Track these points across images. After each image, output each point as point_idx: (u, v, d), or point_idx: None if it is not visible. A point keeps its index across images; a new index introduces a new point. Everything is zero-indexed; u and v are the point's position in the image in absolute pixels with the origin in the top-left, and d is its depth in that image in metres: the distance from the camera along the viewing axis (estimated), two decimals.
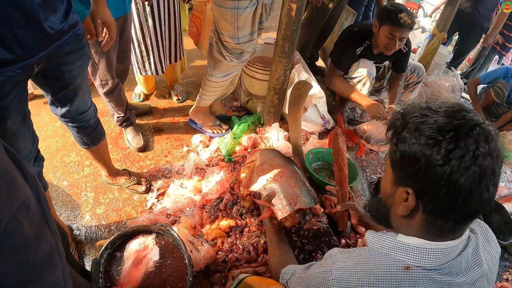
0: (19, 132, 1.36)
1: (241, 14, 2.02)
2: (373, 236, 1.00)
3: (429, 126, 0.83)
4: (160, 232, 1.70)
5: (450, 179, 0.79)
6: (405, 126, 0.88)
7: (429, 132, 0.82)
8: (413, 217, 0.92)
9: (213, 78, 2.41)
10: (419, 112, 0.88)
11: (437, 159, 0.80)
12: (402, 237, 0.94)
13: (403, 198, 0.91)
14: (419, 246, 0.90)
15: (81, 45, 1.45)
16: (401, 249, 0.92)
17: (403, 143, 0.87)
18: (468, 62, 5.94)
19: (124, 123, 2.53)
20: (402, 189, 0.91)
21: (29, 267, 0.72)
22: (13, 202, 0.67)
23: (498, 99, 3.74)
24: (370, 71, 2.82)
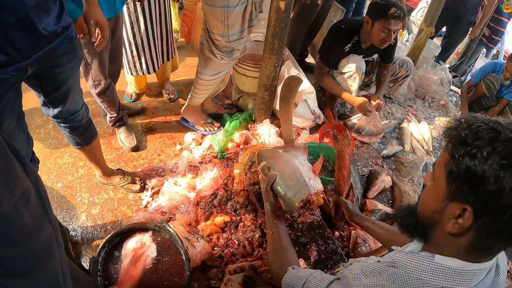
0: (14, 134, 1.37)
1: (231, 12, 2.04)
2: (405, 258, 0.93)
3: (503, 144, 0.76)
4: (156, 229, 1.72)
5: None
6: (475, 138, 0.79)
7: (505, 152, 0.75)
8: (462, 236, 0.84)
9: (204, 77, 2.42)
10: (488, 125, 0.80)
11: (509, 182, 0.73)
12: (440, 259, 0.87)
13: (455, 214, 0.83)
14: (460, 268, 0.85)
15: (74, 47, 1.46)
16: (438, 272, 0.86)
17: (472, 157, 0.78)
18: (456, 56, 6.00)
19: (116, 123, 2.54)
20: (457, 205, 0.83)
21: (28, 255, 0.74)
22: (14, 193, 0.69)
23: (489, 93, 3.79)
24: (359, 66, 2.85)
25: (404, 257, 0.92)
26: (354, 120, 3.12)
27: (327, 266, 1.80)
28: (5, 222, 0.66)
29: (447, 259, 0.86)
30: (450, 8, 4.46)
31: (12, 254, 0.70)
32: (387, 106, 3.72)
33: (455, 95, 4.48)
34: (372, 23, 2.65)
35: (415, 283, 0.87)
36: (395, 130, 3.37)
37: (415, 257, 0.90)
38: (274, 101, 2.70)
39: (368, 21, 2.67)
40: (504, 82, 3.65)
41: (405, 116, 3.61)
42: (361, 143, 3.07)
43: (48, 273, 0.81)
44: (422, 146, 3.16)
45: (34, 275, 0.77)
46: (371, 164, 2.87)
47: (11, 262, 0.71)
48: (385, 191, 2.63)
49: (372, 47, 2.86)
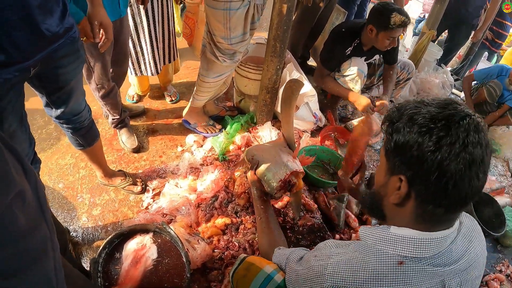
0: (16, 134, 1.38)
1: (233, 15, 2.04)
2: (366, 230, 1.02)
3: (422, 116, 0.87)
4: (157, 231, 1.73)
5: (441, 164, 0.83)
6: (400, 117, 0.92)
7: (422, 121, 0.86)
8: (405, 205, 0.94)
9: (206, 79, 2.43)
10: (413, 104, 0.92)
11: (428, 145, 0.84)
12: (394, 229, 0.96)
13: (396, 186, 0.94)
14: (412, 236, 0.92)
15: (76, 48, 1.46)
16: (395, 242, 0.94)
17: (397, 132, 0.91)
18: (458, 59, 6.00)
19: (118, 125, 2.55)
20: (395, 177, 0.94)
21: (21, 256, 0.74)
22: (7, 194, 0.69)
23: (490, 99, 3.79)
24: (361, 69, 2.85)
25: (365, 230, 1.03)
26: (355, 122, 3.12)
27: None
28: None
29: (401, 229, 0.95)
30: (452, 11, 4.46)
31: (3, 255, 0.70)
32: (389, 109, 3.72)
33: (456, 98, 4.47)
34: (376, 32, 2.63)
35: (376, 252, 0.95)
36: None
37: (375, 230, 1.00)
38: (275, 103, 2.70)
39: (372, 29, 2.64)
40: (509, 87, 3.65)
41: None
42: None
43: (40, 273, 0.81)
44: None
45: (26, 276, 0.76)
46: (372, 168, 2.87)
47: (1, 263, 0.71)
48: None
49: (374, 49, 2.85)
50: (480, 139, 0.84)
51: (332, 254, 1.04)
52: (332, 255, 1.03)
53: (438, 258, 0.92)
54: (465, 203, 0.89)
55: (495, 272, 2.44)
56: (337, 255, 1.02)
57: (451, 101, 0.90)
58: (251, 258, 1.40)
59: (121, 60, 2.32)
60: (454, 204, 0.89)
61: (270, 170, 1.73)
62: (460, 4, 4.56)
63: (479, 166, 0.84)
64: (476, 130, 0.84)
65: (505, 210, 2.75)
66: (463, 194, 0.85)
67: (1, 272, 0.71)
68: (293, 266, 1.21)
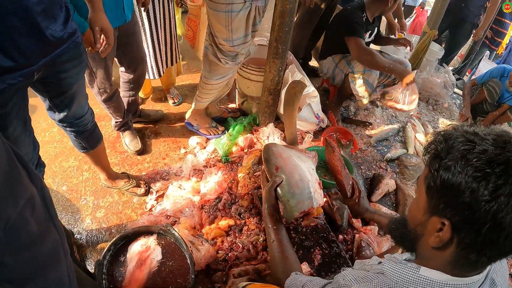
0: (20, 138, 1.39)
1: (235, 17, 2.05)
2: (392, 266, 0.93)
3: (477, 156, 0.76)
4: (161, 233, 1.73)
5: (496, 216, 0.73)
6: (449, 152, 0.81)
7: (478, 164, 0.75)
8: (445, 250, 0.85)
9: (208, 81, 2.44)
10: (464, 137, 0.81)
11: (484, 194, 0.73)
12: (425, 271, 0.88)
13: (436, 228, 0.84)
14: (443, 282, 0.85)
15: (79, 53, 1.47)
16: (424, 285, 0.86)
17: (447, 171, 0.79)
18: (459, 58, 6.00)
19: (122, 127, 2.56)
20: (437, 219, 0.84)
21: (35, 261, 0.75)
22: (19, 200, 0.70)
23: (491, 99, 3.79)
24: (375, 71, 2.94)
25: (392, 266, 0.93)
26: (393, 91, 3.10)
27: (331, 270, 1.80)
28: (11, 229, 0.67)
29: (433, 272, 0.87)
30: (453, 10, 4.47)
31: (18, 261, 0.71)
32: (390, 109, 3.72)
33: (458, 97, 4.47)
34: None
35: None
36: (399, 133, 3.37)
37: (402, 268, 0.91)
38: (278, 105, 2.71)
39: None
40: (509, 88, 3.65)
41: (409, 119, 3.61)
42: (366, 147, 3.08)
43: (55, 279, 0.82)
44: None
45: (40, 281, 0.77)
46: (375, 168, 2.87)
47: (17, 269, 0.71)
48: (389, 194, 2.63)
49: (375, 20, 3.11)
50: None
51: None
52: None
53: None
54: (510, 254, 0.81)
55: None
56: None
57: (509, 138, 0.79)
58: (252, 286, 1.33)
59: (137, 62, 2.34)
60: (501, 255, 0.81)
61: (294, 197, 1.53)
62: (461, 3, 4.57)
63: None
64: None
65: None
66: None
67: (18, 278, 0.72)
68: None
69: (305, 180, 1.60)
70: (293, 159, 1.70)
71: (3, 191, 0.66)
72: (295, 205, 1.53)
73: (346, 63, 3.07)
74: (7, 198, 0.67)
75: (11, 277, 0.71)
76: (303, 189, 1.56)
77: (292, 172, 1.61)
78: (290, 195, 1.54)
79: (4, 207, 0.66)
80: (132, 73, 2.37)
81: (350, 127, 3.33)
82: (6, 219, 0.66)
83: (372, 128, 3.35)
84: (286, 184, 1.56)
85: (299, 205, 1.53)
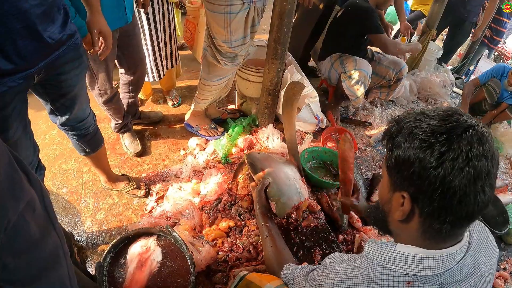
0: (20, 141, 1.39)
1: (234, 18, 2.05)
2: (373, 246, 0.99)
3: (422, 130, 0.83)
4: (161, 234, 1.73)
5: (444, 180, 0.79)
6: (400, 131, 0.89)
7: (423, 136, 0.83)
8: (409, 221, 0.91)
9: (208, 82, 2.44)
10: (413, 117, 0.89)
11: (430, 161, 0.80)
12: (401, 247, 0.93)
13: (399, 203, 0.91)
14: (419, 255, 0.89)
15: (79, 54, 1.48)
16: (401, 260, 0.91)
17: (398, 148, 0.88)
18: (458, 57, 6.01)
19: (121, 129, 2.56)
20: (398, 194, 0.91)
21: (35, 263, 0.75)
22: (19, 203, 0.71)
23: (490, 99, 3.80)
24: (365, 70, 2.93)
25: (371, 246, 0.99)
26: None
27: None
28: (12, 231, 0.67)
29: (407, 247, 0.92)
30: (452, 10, 4.47)
31: (19, 263, 0.71)
32: (390, 109, 3.73)
33: (457, 97, 4.48)
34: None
35: (382, 271, 0.92)
36: None
37: (380, 246, 0.97)
38: (277, 105, 2.72)
39: None
40: (509, 88, 3.65)
41: None
42: (365, 147, 3.08)
43: (55, 281, 0.82)
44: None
45: (41, 283, 0.78)
46: (375, 168, 2.88)
47: (18, 271, 0.72)
48: None
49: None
50: (484, 151, 0.79)
51: (337, 272, 1.00)
52: (337, 272, 1.00)
53: (447, 276, 0.88)
54: (472, 218, 0.85)
55: (499, 270, 2.44)
56: (343, 273, 0.98)
57: (453, 111, 0.86)
58: (251, 276, 1.38)
59: (137, 64, 2.35)
60: (460, 220, 0.85)
61: (284, 194, 1.72)
62: (459, 3, 4.58)
63: (484, 180, 0.80)
64: (480, 142, 0.80)
65: (508, 208, 2.76)
66: (469, 209, 0.81)
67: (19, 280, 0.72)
68: (300, 282, 1.18)
69: (290, 178, 1.83)
70: (276, 161, 1.94)
71: (3, 193, 0.66)
72: (286, 202, 1.73)
73: (339, 62, 3.09)
74: (8, 201, 0.67)
75: (12, 279, 0.71)
76: (290, 186, 1.77)
77: (278, 173, 1.81)
78: (280, 194, 1.73)
79: (4, 209, 0.66)
80: (131, 75, 2.37)
81: (349, 127, 3.34)
82: (6, 221, 0.66)
83: (371, 128, 3.36)
84: (275, 184, 1.75)
85: (289, 201, 1.74)
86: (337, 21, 3.21)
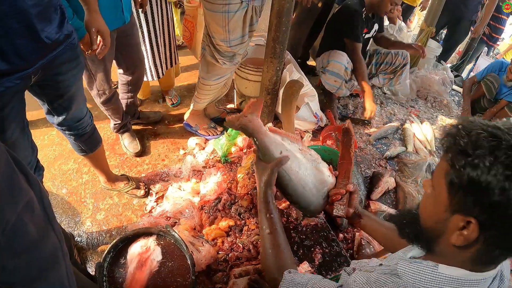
0: (18, 142, 1.39)
1: (232, 17, 2.05)
2: (408, 267, 0.89)
3: (505, 153, 0.72)
4: (161, 234, 1.73)
5: None
6: (475, 148, 0.75)
7: (508, 161, 0.72)
8: (468, 248, 0.81)
9: (206, 81, 2.44)
10: (487, 131, 0.76)
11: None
12: (444, 269, 0.84)
13: (459, 226, 0.80)
14: (463, 278, 0.82)
15: (76, 55, 1.48)
16: (442, 283, 0.83)
17: (474, 168, 0.74)
18: (457, 55, 6.00)
19: (120, 129, 2.56)
20: (460, 217, 0.79)
21: (34, 264, 0.75)
22: (18, 204, 0.70)
23: (489, 94, 3.80)
24: (338, 61, 2.96)
25: (407, 266, 0.89)
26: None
27: (332, 269, 1.80)
28: (10, 232, 0.67)
29: (452, 269, 0.84)
30: (451, 7, 4.46)
31: (18, 264, 0.71)
32: (389, 107, 3.73)
33: (457, 94, 4.47)
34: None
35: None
36: (398, 131, 3.37)
37: (418, 267, 0.87)
38: (276, 104, 2.71)
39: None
40: (507, 83, 3.65)
41: (408, 117, 3.61)
42: (365, 145, 3.08)
43: (54, 282, 0.82)
44: (425, 146, 3.16)
45: (40, 284, 0.78)
46: (375, 166, 2.87)
47: (17, 272, 0.71)
48: (389, 192, 2.63)
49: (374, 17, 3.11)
50: None
51: None
52: None
53: None
54: None
55: None
56: None
57: None
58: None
59: (136, 64, 2.35)
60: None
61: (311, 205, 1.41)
62: (458, 1, 4.57)
63: None
64: None
65: None
66: None
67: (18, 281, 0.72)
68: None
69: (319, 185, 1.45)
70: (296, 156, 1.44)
71: (1, 194, 0.66)
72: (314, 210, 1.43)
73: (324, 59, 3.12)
74: (6, 202, 0.67)
75: (11, 280, 0.71)
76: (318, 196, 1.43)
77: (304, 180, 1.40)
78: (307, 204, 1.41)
79: (2, 210, 0.66)
80: (130, 75, 2.37)
81: None
82: (5, 222, 0.66)
83: (371, 127, 3.35)
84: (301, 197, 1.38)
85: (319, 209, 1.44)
86: (332, 20, 3.22)
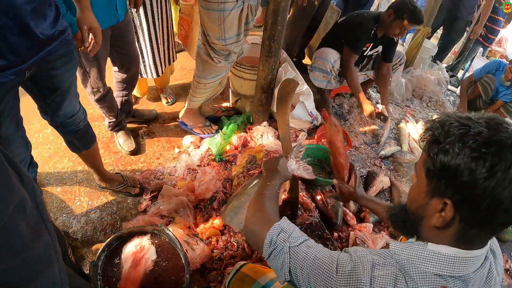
0: (13, 138, 1.38)
1: (227, 16, 2.05)
2: (401, 245, 0.95)
3: (473, 138, 0.80)
4: (155, 233, 1.73)
5: (494, 191, 0.78)
6: (446, 136, 0.84)
7: (474, 145, 0.80)
8: (447, 228, 0.89)
9: (201, 80, 2.43)
10: (459, 121, 0.85)
11: (482, 172, 0.78)
12: (432, 246, 0.91)
13: (437, 209, 0.88)
14: (451, 254, 0.88)
15: (70, 50, 1.47)
16: (432, 260, 0.89)
17: (445, 154, 0.83)
18: (453, 55, 6.02)
19: (115, 128, 2.55)
20: (438, 200, 0.88)
21: (27, 265, 0.74)
22: (9, 203, 0.70)
23: (485, 95, 3.81)
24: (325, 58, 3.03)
25: (399, 246, 0.95)
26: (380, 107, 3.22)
27: None
28: (2, 233, 0.67)
29: (439, 246, 0.90)
30: (447, 7, 4.47)
31: (10, 265, 0.71)
32: None
33: (452, 94, 4.50)
34: (394, 18, 2.85)
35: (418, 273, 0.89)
36: (393, 130, 3.38)
37: (409, 246, 0.94)
38: (271, 103, 2.71)
39: (391, 15, 2.86)
40: (505, 83, 3.67)
41: (403, 116, 3.63)
42: (359, 144, 3.09)
43: (47, 281, 0.81)
44: (420, 146, 3.17)
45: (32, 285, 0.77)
46: (369, 165, 2.88)
47: (9, 273, 0.71)
48: (384, 191, 2.64)
49: (383, 38, 3.07)
50: None
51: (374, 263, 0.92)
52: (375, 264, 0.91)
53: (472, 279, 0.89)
54: (508, 225, 0.86)
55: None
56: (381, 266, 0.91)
57: (501, 120, 0.84)
58: (246, 268, 1.35)
59: (131, 62, 2.33)
60: (498, 227, 0.86)
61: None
62: (455, 1, 4.58)
63: None
64: None
65: None
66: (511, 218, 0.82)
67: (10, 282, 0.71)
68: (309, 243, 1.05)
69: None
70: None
71: None
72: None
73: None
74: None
75: (3, 281, 0.70)
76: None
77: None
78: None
79: None
80: (125, 72, 2.36)
81: (344, 124, 3.34)
82: None
83: (364, 125, 3.36)
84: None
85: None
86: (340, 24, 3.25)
